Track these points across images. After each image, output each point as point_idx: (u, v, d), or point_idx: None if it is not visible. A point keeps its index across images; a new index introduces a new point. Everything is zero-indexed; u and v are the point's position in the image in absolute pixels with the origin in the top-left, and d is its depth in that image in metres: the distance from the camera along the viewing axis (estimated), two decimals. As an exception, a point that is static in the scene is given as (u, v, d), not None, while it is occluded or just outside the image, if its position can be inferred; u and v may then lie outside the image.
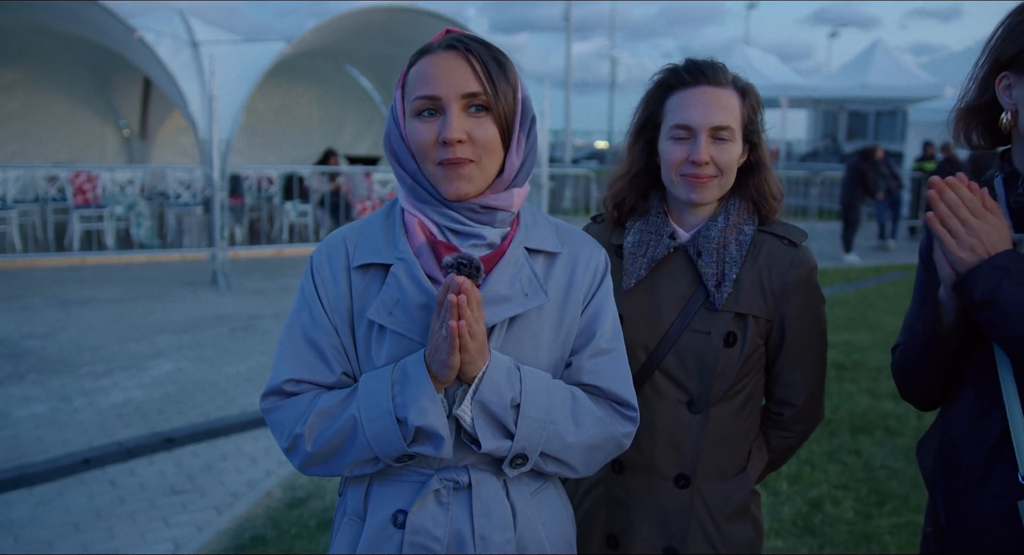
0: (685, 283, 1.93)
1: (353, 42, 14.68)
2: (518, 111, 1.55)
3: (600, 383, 1.61)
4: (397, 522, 1.56)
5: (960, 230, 1.51)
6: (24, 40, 14.51)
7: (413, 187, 1.56)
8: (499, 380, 1.49)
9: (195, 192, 13.92)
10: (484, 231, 1.56)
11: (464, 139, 1.48)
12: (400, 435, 1.47)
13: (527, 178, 1.61)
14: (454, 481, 1.56)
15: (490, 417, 1.50)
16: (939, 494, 1.67)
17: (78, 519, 4.18)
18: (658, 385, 1.92)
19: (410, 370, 1.48)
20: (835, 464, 4.91)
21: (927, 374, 1.71)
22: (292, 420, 1.56)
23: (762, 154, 1.98)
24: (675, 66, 1.95)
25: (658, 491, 1.94)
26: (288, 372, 1.58)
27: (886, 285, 11.47)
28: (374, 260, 1.57)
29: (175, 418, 5.69)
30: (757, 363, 1.96)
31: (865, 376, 6.72)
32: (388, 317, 1.52)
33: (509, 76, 1.54)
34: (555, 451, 1.55)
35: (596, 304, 1.65)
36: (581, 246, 1.68)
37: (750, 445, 2.01)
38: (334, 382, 1.58)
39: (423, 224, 1.57)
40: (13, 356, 7.12)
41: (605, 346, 1.63)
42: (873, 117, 37.58)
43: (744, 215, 1.96)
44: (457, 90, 1.48)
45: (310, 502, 4.36)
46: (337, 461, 1.55)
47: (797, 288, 1.92)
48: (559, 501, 1.71)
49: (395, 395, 1.48)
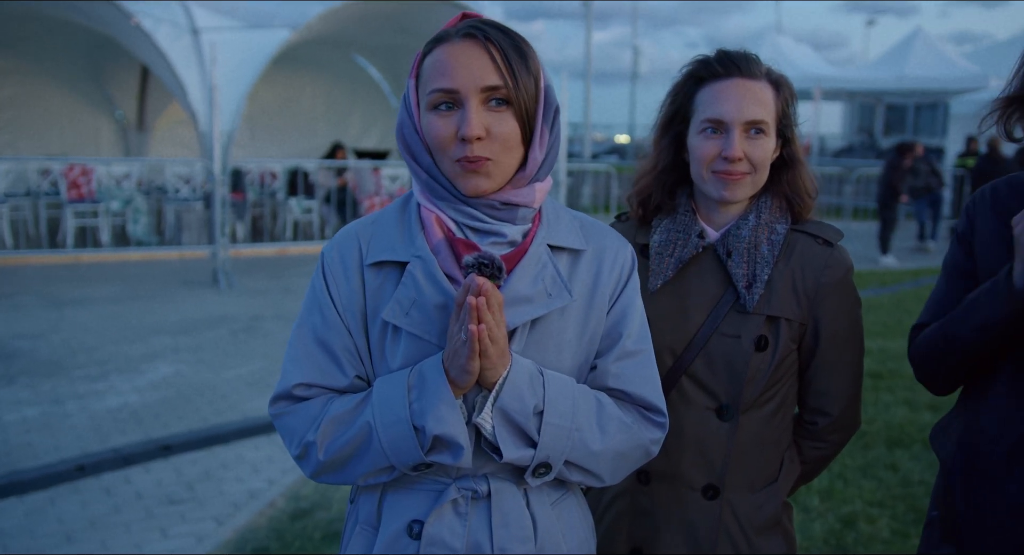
0: (714, 284, 1.94)
1: (362, 30, 14.74)
2: (540, 102, 1.54)
3: (627, 387, 1.61)
4: (413, 532, 1.56)
5: None
6: (15, 26, 14.61)
7: (428, 182, 1.55)
8: (521, 386, 1.49)
9: (195, 187, 13.98)
10: (504, 228, 1.55)
11: (483, 135, 1.47)
12: (417, 443, 1.47)
13: (549, 172, 1.61)
14: (473, 490, 1.56)
15: (512, 425, 1.50)
16: (959, 480, 1.69)
17: (71, 529, 4.21)
18: (685, 391, 1.93)
19: (428, 375, 1.47)
20: (870, 479, 4.88)
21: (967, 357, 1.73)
22: (303, 427, 1.55)
23: (795, 149, 1.98)
24: (706, 57, 1.95)
25: (685, 502, 1.95)
26: (298, 376, 1.57)
27: (924, 289, 11.39)
28: (389, 257, 1.56)
29: (173, 424, 5.72)
30: (790, 369, 1.96)
31: (902, 385, 6.68)
32: (404, 318, 1.52)
33: (531, 65, 1.52)
34: (580, 459, 1.55)
35: (623, 304, 1.65)
36: (607, 242, 1.68)
37: (782, 455, 2.01)
38: (347, 386, 1.58)
39: (441, 220, 1.56)
40: (3, 357, 7.18)
41: (632, 348, 1.63)
42: (912, 110, 37.33)
43: (776, 213, 1.96)
44: (477, 83, 1.46)
45: (315, 513, 4.38)
46: (350, 470, 1.54)
47: (832, 289, 1.92)
48: (580, 511, 1.72)
49: (412, 401, 1.47)
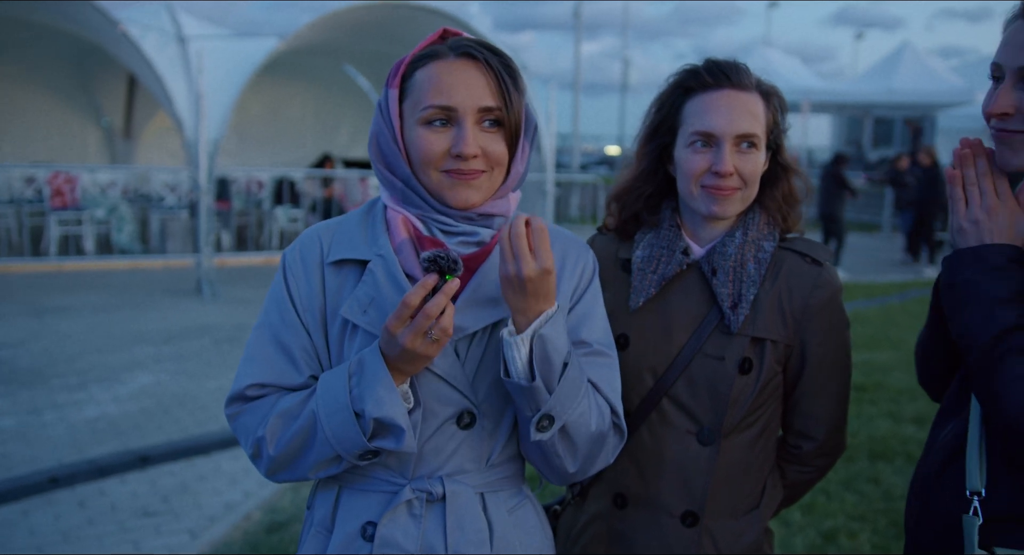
0: (698, 303, 1.88)
1: (351, 39, 14.70)
2: (523, 119, 1.59)
3: (597, 382, 1.61)
4: (366, 535, 1.57)
5: (976, 199, 1.54)
6: (2, 32, 14.52)
7: (404, 192, 1.57)
8: (560, 327, 1.50)
9: (180, 195, 13.92)
10: (474, 227, 1.58)
11: (478, 154, 1.51)
12: (359, 429, 1.47)
13: (523, 183, 1.65)
14: (427, 492, 1.57)
15: (543, 358, 1.48)
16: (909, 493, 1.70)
17: (42, 542, 4.13)
18: (666, 413, 1.87)
19: (367, 360, 1.48)
20: (852, 493, 4.84)
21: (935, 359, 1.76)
22: (255, 424, 1.56)
23: (785, 157, 1.93)
24: (694, 67, 1.88)
25: (664, 529, 1.88)
26: (251, 377, 1.59)
27: (910, 302, 11.41)
28: (350, 256, 1.59)
29: (152, 434, 5.64)
30: (774, 392, 1.90)
31: (886, 398, 6.67)
32: (362, 316, 1.54)
33: (520, 86, 1.57)
34: (575, 427, 1.53)
35: (584, 306, 1.67)
36: (569, 248, 1.71)
37: (764, 480, 1.95)
38: (301, 384, 1.59)
39: (407, 220, 1.59)
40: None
41: (599, 349, 1.65)
42: (900, 123, 37.56)
43: (764, 230, 1.90)
44: (475, 103, 1.50)
45: (291, 526, 4.30)
46: (301, 463, 1.55)
47: (820, 311, 1.87)
48: (537, 520, 1.72)
49: (352, 387, 1.48)
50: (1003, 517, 1.46)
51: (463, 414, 1.57)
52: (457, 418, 1.57)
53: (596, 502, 1.96)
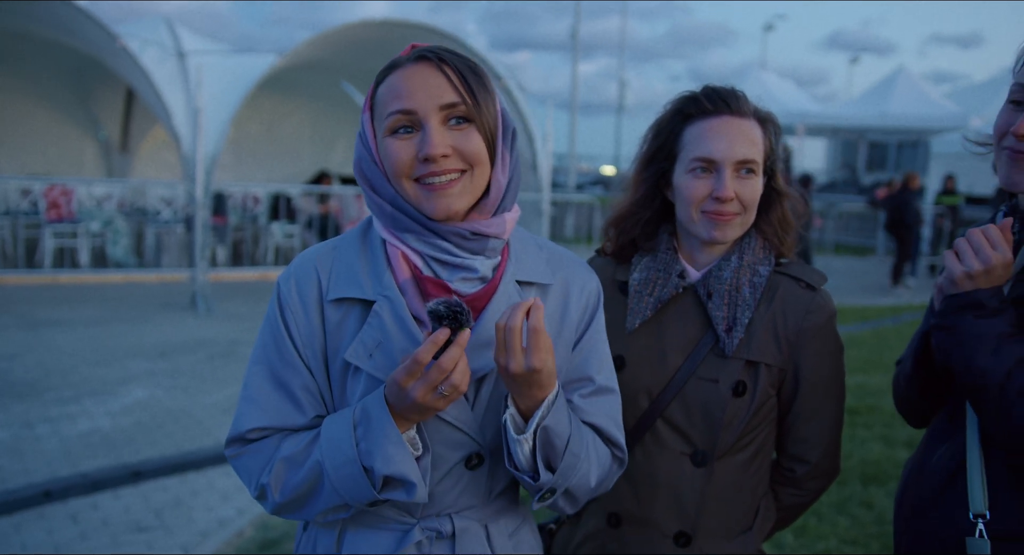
0: (694, 326, 1.90)
1: (349, 56, 14.74)
2: (499, 123, 1.52)
3: (598, 423, 1.60)
4: None
5: (968, 252, 1.55)
6: (1, 45, 14.54)
7: (394, 215, 1.51)
8: (563, 410, 1.48)
9: (176, 209, 13.91)
10: (475, 263, 1.51)
11: (449, 153, 1.44)
12: (369, 483, 1.43)
13: (515, 199, 1.58)
14: (436, 531, 1.55)
15: (549, 447, 1.47)
16: (898, 517, 1.71)
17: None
18: (660, 435, 1.89)
19: (372, 412, 1.42)
20: (844, 516, 4.84)
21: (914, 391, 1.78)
22: (258, 468, 1.52)
23: (779, 185, 1.96)
24: (693, 94, 1.91)
25: (657, 548, 1.90)
26: (253, 420, 1.53)
27: (904, 325, 11.43)
28: (353, 295, 1.51)
29: (145, 449, 5.63)
30: (768, 415, 1.92)
31: (879, 421, 6.68)
32: (368, 361, 1.48)
33: (487, 85, 1.51)
34: (577, 489, 1.53)
35: (590, 339, 1.65)
36: (573, 274, 1.66)
37: (758, 502, 1.97)
38: (305, 425, 1.54)
39: (407, 257, 1.52)
40: (-25, 379, 7.06)
41: (603, 384, 1.63)
42: (894, 148, 37.75)
43: (760, 254, 1.93)
44: (434, 102, 1.44)
45: (283, 543, 4.30)
46: (308, 508, 1.51)
47: (814, 335, 1.89)
48: (534, 539, 1.73)
49: (358, 440, 1.43)
50: (1011, 537, 1.47)
51: (472, 457, 1.55)
52: (466, 461, 1.55)
53: (591, 521, 1.98)
